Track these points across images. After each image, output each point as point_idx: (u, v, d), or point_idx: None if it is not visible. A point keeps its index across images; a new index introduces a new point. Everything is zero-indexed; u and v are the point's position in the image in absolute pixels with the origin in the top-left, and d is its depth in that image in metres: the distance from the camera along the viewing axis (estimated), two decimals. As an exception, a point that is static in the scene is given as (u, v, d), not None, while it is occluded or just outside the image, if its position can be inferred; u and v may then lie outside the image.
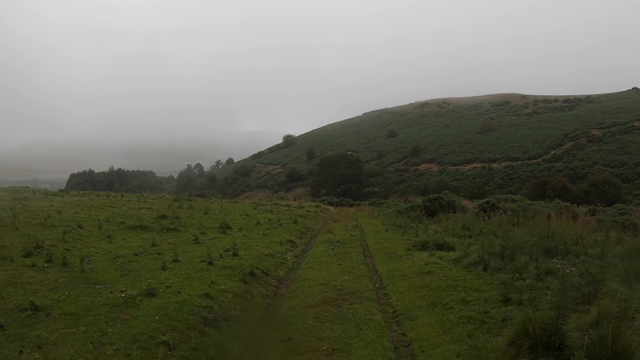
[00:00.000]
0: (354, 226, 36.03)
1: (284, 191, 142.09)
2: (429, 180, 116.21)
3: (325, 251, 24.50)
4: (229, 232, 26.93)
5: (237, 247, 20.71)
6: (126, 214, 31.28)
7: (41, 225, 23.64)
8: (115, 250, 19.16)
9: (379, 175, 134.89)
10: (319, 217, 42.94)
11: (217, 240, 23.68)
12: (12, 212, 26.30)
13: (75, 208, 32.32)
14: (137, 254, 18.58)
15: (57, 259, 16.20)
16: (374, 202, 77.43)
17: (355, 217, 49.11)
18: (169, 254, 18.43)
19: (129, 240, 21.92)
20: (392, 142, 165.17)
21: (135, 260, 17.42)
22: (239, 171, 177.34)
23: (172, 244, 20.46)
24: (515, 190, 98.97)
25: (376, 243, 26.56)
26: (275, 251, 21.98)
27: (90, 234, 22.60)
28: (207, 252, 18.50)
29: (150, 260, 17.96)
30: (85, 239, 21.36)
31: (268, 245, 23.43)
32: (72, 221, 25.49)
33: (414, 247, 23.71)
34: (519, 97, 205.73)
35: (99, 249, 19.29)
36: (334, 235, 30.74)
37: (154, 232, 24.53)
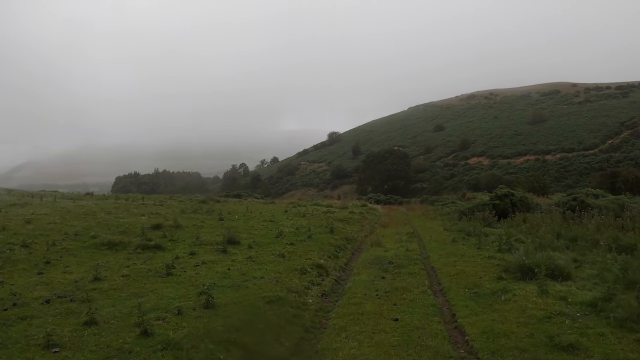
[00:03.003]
0: (408, 234, 28.08)
1: (329, 189, 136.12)
2: (480, 175, 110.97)
3: (372, 283, 16.01)
4: (231, 252, 19.55)
5: (223, 285, 14.19)
6: (115, 223, 25.68)
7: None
8: (27, 290, 13.58)
9: (427, 171, 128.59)
10: (364, 220, 35.56)
11: (204, 268, 16.58)
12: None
13: (58, 217, 27.12)
14: (49, 300, 12.50)
15: None
16: (425, 199, 69.67)
17: (408, 219, 41.48)
18: (101, 302, 12.42)
19: (73, 268, 16.49)
20: (440, 136, 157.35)
21: (26, 319, 11.10)
22: (283, 170, 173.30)
23: (127, 277, 14.97)
24: (573, 184, 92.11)
25: (445, 264, 19.00)
26: (289, 288, 14.15)
27: (24, 258, 17.44)
28: (157, 303, 12.26)
29: (53, 318, 11.25)
30: (10, 266, 16.40)
31: (281, 275, 15.69)
32: (27, 235, 20.97)
33: (508, 274, 15.59)
34: (568, 86, 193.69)
35: (7, 287, 13.87)
36: (383, 251, 22.28)
37: (125, 252, 19.33)
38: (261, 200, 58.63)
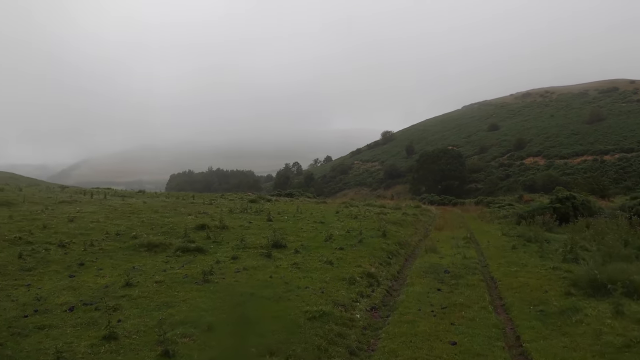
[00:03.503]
0: (465, 239, 26.30)
1: (382, 188, 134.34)
2: (536, 176, 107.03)
3: (426, 296, 14.56)
4: (276, 257, 18.35)
5: (263, 295, 12.94)
6: (159, 223, 24.81)
7: (13, 241, 18.58)
8: (53, 294, 12.77)
9: (482, 171, 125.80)
10: (418, 222, 33.99)
11: (244, 275, 15.43)
12: (12, 219, 23.05)
13: (102, 215, 26.52)
14: (74, 307, 11.67)
15: None
16: (480, 200, 67.53)
17: (463, 221, 39.75)
18: (128, 311, 11.46)
19: (106, 271, 15.61)
20: (494, 135, 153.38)
21: (44, 328, 10.27)
22: (337, 169, 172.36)
23: (160, 284, 13.95)
24: (633, 185, 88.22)
25: (506, 274, 17.46)
26: (335, 301, 12.84)
27: (59, 259, 16.69)
28: (187, 315, 11.18)
29: (73, 329, 10.34)
30: (42, 267, 15.64)
31: (327, 285, 14.40)
32: (67, 235, 20.28)
33: (576, 289, 14.04)
34: (626, 83, 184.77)
35: (33, 291, 13.10)
36: (439, 257, 20.74)
37: (164, 255, 18.25)
38: (313, 200, 57.44)
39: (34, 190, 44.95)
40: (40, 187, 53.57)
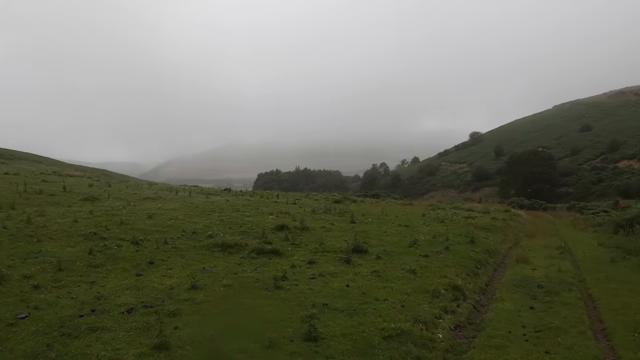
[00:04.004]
0: (558, 248, 24.49)
1: (470, 191, 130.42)
2: (630, 180, 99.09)
3: (517, 315, 13.15)
4: (355, 262, 17.28)
5: (336, 306, 11.88)
6: (238, 222, 24.22)
7: (87, 236, 18.48)
8: (115, 294, 12.32)
9: (573, 174, 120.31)
10: (507, 228, 32.40)
11: (319, 282, 14.38)
12: (92, 214, 23.21)
13: (182, 212, 26.26)
14: (132, 309, 11.10)
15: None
16: (572, 205, 63.72)
17: (555, 228, 37.51)
18: (188, 318, 10.73)
19: (175, 271, 15.07)
20: (587, 136, 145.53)
21: (96, 331, 9.76)
22: (424, 170, 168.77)
23: (228, 288, 13.21)
24: None
25: (605, 292, 15.89)
26: (415, 317, 11.64)
27: (129, 256, 16.36)
28: (249, 327, 10.35)
29: (125, 334, 9.74)
30: (111, 264, 15.35)
31: (408, 298, 13.20)
32: (143, 232, 20.12)
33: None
34: None
35: (96, 288, 12.66)
36: (531, 269, 19.23)
37: (238, 256, 17.52)
38: (399, 201, 55.82)
39: (121, 186, 45.68)
40: (129, 183, 54.53)
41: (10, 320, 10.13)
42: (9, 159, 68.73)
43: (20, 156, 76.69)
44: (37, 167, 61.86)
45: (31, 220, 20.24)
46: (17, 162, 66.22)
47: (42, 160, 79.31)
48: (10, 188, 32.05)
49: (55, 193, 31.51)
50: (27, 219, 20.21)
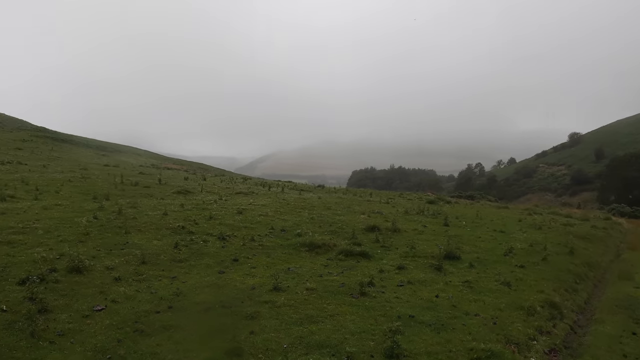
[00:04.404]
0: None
1: (568, 195, 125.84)
2: None
3: (618, 342, 11.86)
4: (447, 270, 16.30)
5: (423, 319, 11.04)
6: (328, 221, 23.80)
7: (175, 229, 18.69)
8: (194, 291, 12.17)
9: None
10: (608, 238, 30.62)
11: (407, 290, 13.52)
12: (182, 207, 23.61)
13: (272, 209, 26.16)
14: (210, 308, 11.02)
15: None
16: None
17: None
18: (265, 322, 10.30)
19: (258, 270, 14.70)
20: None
21: (169, 329, 9.61)
22: (520, 172, 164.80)
23: (311, 292, 12.61)
24: None
25: None
26: (508, 337, 10.62)
27: (214, 252, 16.27)
28: (328, 338, 9.66)
29: (198, 335, 9.47)
30: (195, 259, 15.24)
31: (501, 314, 12.13)
32: (231, 227, 20.21)
33: None
34: None
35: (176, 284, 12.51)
36: (634, 287, 17.66)
37: (325, 257, 16.97)
38: (494, 204, 53.67)
39: (216, 180, 46.39)
40: (224, 177, 55.34)
41: (86, 312, 10.14)
42: (111, 151, 71.25)
43: (122, 149, 79.47)
44: (136, 160, 63.84)
45: (122, 211, 20.66)
46: (118, 154, 68.61)
47: (143, 153, 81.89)
48: (108, 179, 33.03)
49: (150, 185, 32.28)
50: (118, 210, 20.66)
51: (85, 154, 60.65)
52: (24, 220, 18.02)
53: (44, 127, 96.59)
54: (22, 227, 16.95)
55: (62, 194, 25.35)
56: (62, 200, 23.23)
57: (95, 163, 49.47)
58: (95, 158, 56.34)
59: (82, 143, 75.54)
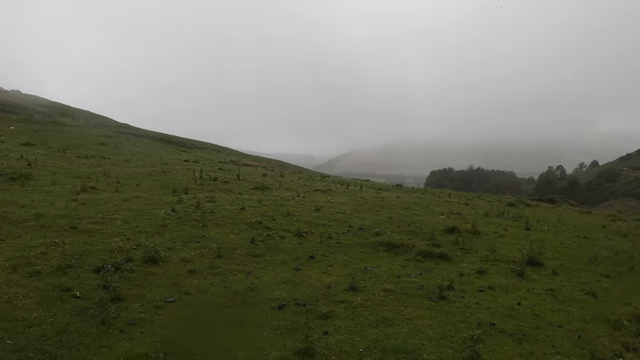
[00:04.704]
0: None
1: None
2: None
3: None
4: (529, 276, 15.34)
5: (504, 328, 10.38)
6: (407, 221, 23.18)
7: (252, 224, 18.73)
8: (269, 287, 11.97)
9: None
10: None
11: (488, 296, 12.82)
12: (260, 203, 23.62)
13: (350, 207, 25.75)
14: (284, 306, 10.74)
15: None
16: None
17: None
18: (340, 323, 9.96)
19: (335, 268, 14.32)
20: None
21: (242, 325, 9.52)
22: (602, 175, 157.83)
23: (388, 293, 12.13)
24: None
25: None
26: (593, 353, 9.78)
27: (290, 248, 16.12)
28: (403, 343, 9.18)
29: (270, 332, 9.29)
30: (271, 255, 15.06)
31: (586, 327, 11.19)
32: (308, 224, 20.07)
33: None
34: None
35: (251, 279, 12.49)
36: None
37: (403, 257, 16.36)
38: (576, 209, 51.55)
39: (294, 177, 46.45)
40: (302, 174, 55.42)
41: (159, 303, 10.13)
42: (191, 147, 72.58)
43: (202, 145, 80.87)
44: (216, 156, 64.73)
45: (200, 205, 20.85)
46: (198, 150, 69.83)
47: (222, 150, 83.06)
48: (187, 174, 33.52)
49: (228, 180, 32.51)
50: (196, 204, 20.88)
51: (166, 149, 62.06)
52: (104, 211, 18.52)
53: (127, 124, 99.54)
54: (102, 217, 17.40)
55: (142, 187, 25.88)
56: (142, 193, 23.69)
57: (176, 158, 50.44)
58: (175, 154, 57.50)
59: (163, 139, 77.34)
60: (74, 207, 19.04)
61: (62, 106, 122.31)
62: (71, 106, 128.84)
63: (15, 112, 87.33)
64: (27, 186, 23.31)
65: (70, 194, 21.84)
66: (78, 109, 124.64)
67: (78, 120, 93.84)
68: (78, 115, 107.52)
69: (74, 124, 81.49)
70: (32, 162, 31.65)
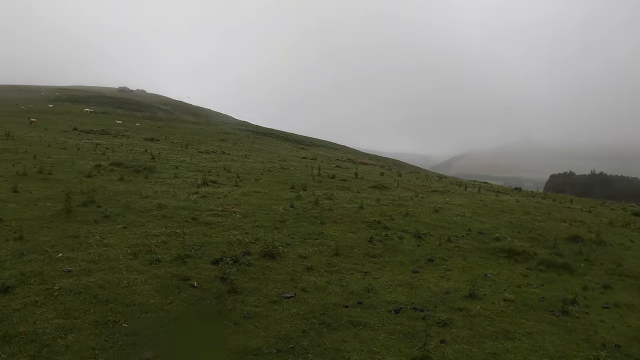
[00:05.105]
0: None
1: None
2: None
3: None
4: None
5: (630, 352, 9.45)
6: (528, 227, 22.09)
7: (370, 224, 18.52)
8: (386, 289, 11.75)
9: None
10: None
11: (613, 314, 11.83)
12: (378, 202, 23.42)
13: (469, 210, 24.93)
14: (400, 309, 10.37)
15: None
16: None
17: None
18: (459, 332, 9.47)
19: (454, 273, 13.88)
20: None
21: (357, 326, 9.33)
22: None
23: (509, 303, 11.50)
24: None
25: None
26: None
27: (409, 250, 15.75)
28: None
29: (386, 336, 8.98)
30: (389, 255, 14.78)
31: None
32: (427, 226, 19.62)
33: None
34: None
35: (368, 279, 12.25)
36: None
37: (523, 266, 15.58)
38: None
39: (411, 177, 46.03)
40: (419, 174, 54.96)
41: (275, 298, 10.20)
42: (309, 145, 73.44)
43: (320, 143, 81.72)
44: (333, 154, 65.21)
45: (318, 202, 21.00)
46: (316, 148, 70.60)
47: (339, 148, 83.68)
48: (305, 171, 33.87)
49: (346, 179, 32.59)
50: (315, 201, 21.04)
51: (284, 146, 63.14)
52: (224, 204, 19.05)
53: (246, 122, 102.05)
54: (222, 211, 17.91)
55: (261, 182, 26.38)
56: (261, 188, 24.15)
57: (294, 155, 51.21)
58: (293, 151, 58.42)
59: (282, 136, 78.93)
60: (195, 200, 19.75)
61: (184, 104, 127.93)
62: (192, 104, 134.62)
63: (140, 110, 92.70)
64: (151, 178, 24.40)
65: (192, 187, 22.62)
66: (199, 107, 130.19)
67: (199, 118, 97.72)
68: (199, 113, 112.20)
69: (195, 121, 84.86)
70: (156, 156, 33.16)
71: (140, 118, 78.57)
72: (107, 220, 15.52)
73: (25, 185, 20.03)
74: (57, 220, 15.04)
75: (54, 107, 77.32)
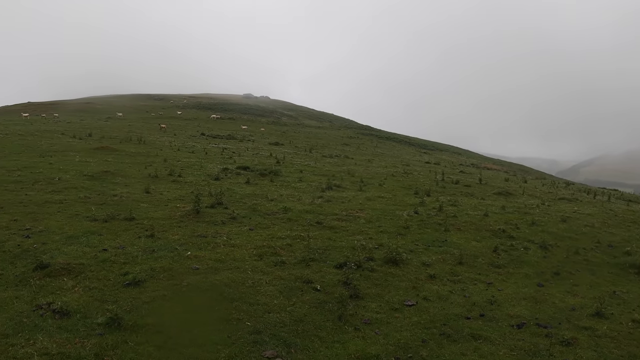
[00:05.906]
0: None
1: None
2: None
3: None
4: None
5: None
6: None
7: (495, 232, 18.06)
8: (510, 301, 11.40)
9: None
10: None
11: None
12: (503, 210, 22.89)
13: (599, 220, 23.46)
14: (523, 325, 10.01)
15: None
16: None
17: None
18: (582, 354, 8.96)
19: (581, 289, 13.06)
20: None
21: (477, 339, 9.14)
22: None
23: (638, 325, 10.63)
24: None
25: None
26: None
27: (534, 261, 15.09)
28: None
29: (502, 350, 8.77)
30: (514, 266, 14.35)
31: None
32: (554, 236, 18.51)
33: None
34: None
35: (491, 291, 12.01)
36: None
37: None
38: None
39: (537, 183, 44.52)
40: (545, 181, 52.98)
41: (396, 305, 10.21)
42: (432, 149, 72.78)
43: (442, 147, 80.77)
44: (456, 159, 64.27)
45: (443, 208, 20.82)
46: (439, 152, 69.82)
47: (462, 152, 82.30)
48: (429, 176, 33.66)
49: (470, 184, 32.11)
50: (439, 207, 20.89)
51: (407, 150, 62.89)
52: (348, 209, 19.28)
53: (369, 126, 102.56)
54: (346, 215, 18.14)
55: (385, 187, 26.48)
56: (385, 193, 24.25)
57: (417, 160, 50.90)
58: (416, 155, 58.04)
59: (404, 141, 78.75)
60: (320, 204, 20.17)
61: (307, 109, 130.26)
62: (315, 109, 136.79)
63: (264, 115, 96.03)
64: (276, 182, 25.13)
65: (316, 191, 23.07)
66: (322, 112, 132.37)
67: (322, 122, 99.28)
68: (322, 118, 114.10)
69: (318, 126, 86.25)
70: (281, 160, 34.09)
71: (265, 123, 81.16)
72: (234, 221, 16.24)
73: (156, 187, 21.43)
74: (186, 220, 15.94)
75: (182, 114, 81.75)
